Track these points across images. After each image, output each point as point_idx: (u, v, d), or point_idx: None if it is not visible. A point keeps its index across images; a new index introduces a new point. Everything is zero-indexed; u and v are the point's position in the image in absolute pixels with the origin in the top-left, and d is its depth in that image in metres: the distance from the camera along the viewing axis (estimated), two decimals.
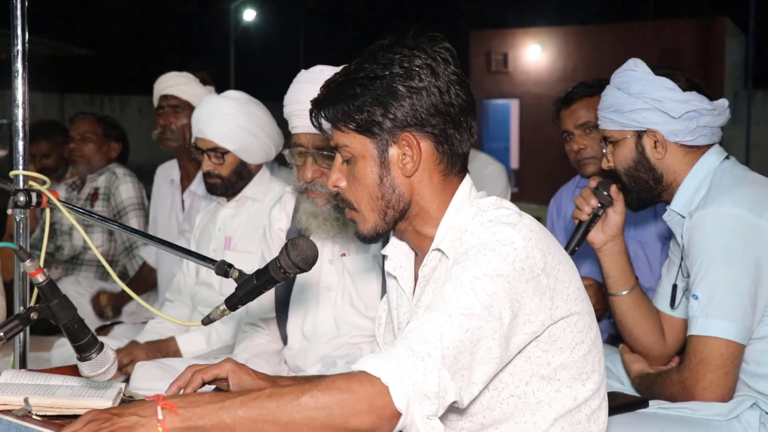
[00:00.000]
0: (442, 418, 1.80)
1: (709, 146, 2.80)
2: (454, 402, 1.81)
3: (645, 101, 2.74)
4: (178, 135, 4.61)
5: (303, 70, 3.00)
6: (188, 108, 4.50)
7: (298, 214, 3.08)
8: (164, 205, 4.93)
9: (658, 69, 2.79)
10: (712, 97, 2.77)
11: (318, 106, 2.10)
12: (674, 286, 2.91)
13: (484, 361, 1.84)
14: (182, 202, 4.76)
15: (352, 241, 3.04)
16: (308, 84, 2.86)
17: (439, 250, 2.04)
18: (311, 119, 2.13)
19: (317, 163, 2.92)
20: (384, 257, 2.27)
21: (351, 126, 2.04)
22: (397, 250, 2.22)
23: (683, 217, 2.76)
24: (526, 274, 1.89)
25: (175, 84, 4.52)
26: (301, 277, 2.93)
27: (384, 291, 2.41)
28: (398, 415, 1.75)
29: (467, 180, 2.11)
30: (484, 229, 1.94)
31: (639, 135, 2.79)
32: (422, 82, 2.00)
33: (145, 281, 5.01)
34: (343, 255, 3.11)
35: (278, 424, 1.75)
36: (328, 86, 2.08)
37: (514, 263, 1.88)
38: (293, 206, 3.26)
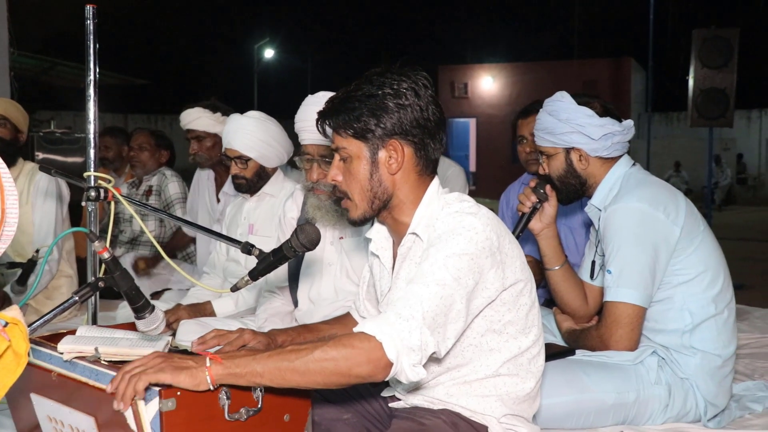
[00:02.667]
0: (423, 367, 1.81)
1: (620, 156, 2.80)
2: (434, 353, 1.82)
3: (571, 126, 2.74)
4: (206, 157, 4.67)
5: (309, 95, 3.01)
6: (207, 135, 4.58)
7: (306, 206, 3.08)
8: (202, 195, 4.95)
9: (579, 97, 2.78)
10: (621, 118, 2.77)
11: (324, 116, 2.08)
12: (593, 263, 2.91)
13: (454, 320, 1.85)
14: (218, 198, 4.76)
15: (348, 227, 3.05)
16: (313, 106, 2.87)
17: (414, 234, 2.04)
18: (317, 126, 2.11)
19: (321, 167, 2.94)
20: (368, 240, 2.27)
21: (349, 132, 2.03)
22: (379, 235, 2.21)
23: (600, 210, 2.77)
24: (486, 252, 1.89)
25: (194, 119, 4.54)
26: (308, 255, 2.93)
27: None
28: (390, 364, 1.75)
29: (436, 180, 2.10)
30: (452, 218, 1.94)
31: (567, 151, 2.79)
32: (408, 100, 1.99)
33: (179, 242, 5.13)
34: (341, 238, 3.11)
35: (297, 372, 1.76)
36: (333, 101, 2.07)
37: (476, 244, 1.88)
38: (302, 200, 3.27)
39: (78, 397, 1.92)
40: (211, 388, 1.78)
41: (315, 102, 2.90)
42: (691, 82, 8.53)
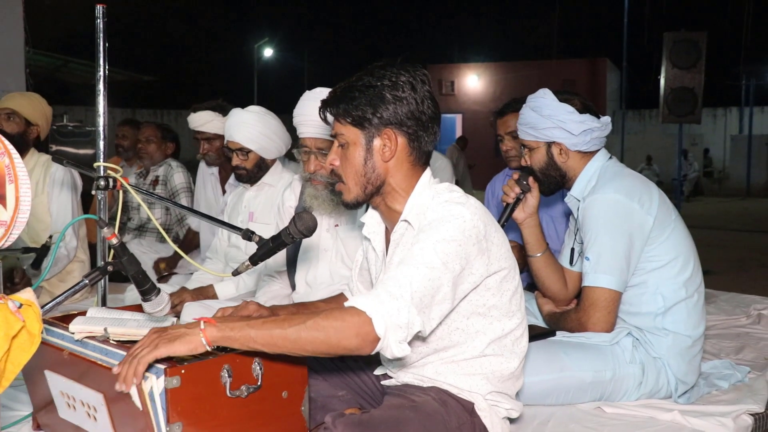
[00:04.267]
0: (409, 345, 1.79)
1: (598, 150, 2.79)
2: (419, 331, 1.80)
3: (553, 122, 2.72)
4: (215, 156, 4.61)
5: (307, 91, 2.98)
6: (217, 136, 4.52)
7: (303, 196, 3.06)
8: (206, 187, 4.91)
9: (560, 94, 2.76)
10: (599, 115, 2.76)
11: (326, 104, 2.06)
12: (572, 250, 2.90)
13: (440, 302, 1.83)
14: (223, 190, 4.73)
15: (343, 215, 3.04)
16: (311, 101, 2.85)
17: (406, 221, 2.02)
18: (320, 114, 2.09)
19: (318, 159, 2.92)
20: (362, 224, 2.25)
21: (348, 120, 2.01)
22: (372, 220, 2.19)
23: (579, 200, 2.76)
24: (473, 239, 1.88)
25: (204, 122, 4.47)
26: (305, 241, 2.92)
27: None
28: (378, 339, 1.74)
29: (428, 171, 2.09)
30: (442, 207, 1.92)
31: (549, 145, 2.77)
32: (404, 93, 1.98)
33: (191, 242, 5.01)
34: (336, 225, 3.10)
35: (288, 339, 1.74)
36: (335, 90, 2.05)
37: (464, 231, 1.87)
38: (300, 190, 3.25)
39: (88, 374, 1.91)
40: (208, 348, 1.76)
41: (312, 97, 2.89)
42: (662, 82, 8.56)
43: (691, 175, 21.46)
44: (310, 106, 2.83)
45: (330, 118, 2.07)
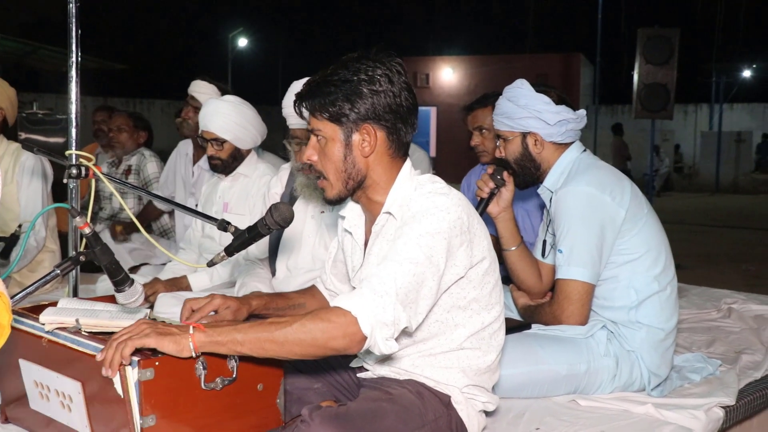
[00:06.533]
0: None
1: (572, 143, 2.79)
2: (406, 328, 1.80)
3: (529, 112, 2.72)
4: (193, 127, 4.53)
5: (294, 82, 2.95)
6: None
7: (294, 184, 3.07)
8: (179, 168, 4.87)
9: (537, 86, 2.77)
10: (575, 108, 2.77)
11: (301, 98, 2.02)
12: (544, 242, 2.91)
13: (426, 296, 1.83)
14: (192, 172, 4.70)
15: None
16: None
17: (388, 213, 2.01)
18: (294, 108, 2.06)
19: None
20: (342, 217, 2.24)
21: (325, 115, 1.98)
22: (353, 213, 2.17)
23: (552, 192, 2.76)
24: (456, 231, 1.87)
25: (202, 92, 4.41)
26: (290, 228, 2.94)
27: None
28: (365, 338, 1.73)
29: (408, 162, 2.07)
30: (425, 198, 1.91)
31: (524, 135, 2.77)
32: (381, 87, 1.95)
33: (150, 214, 5.07)
34: (322, 212, 3.11)
35: (276, 342, 1.73)
36: (310, 84, 2.01)
37: (448, 223, 1.86)
38: (287, 178, 3.28)
39: (66, 362, 1.89)
40: (194, 354, 1.75)
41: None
42: (635, 77, 8.62)
43: (662, 171, 21.65)
44: None
45: (306, 112, 2.05)
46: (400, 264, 1.79)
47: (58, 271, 1.98)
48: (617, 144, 15.08)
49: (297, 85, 2.89)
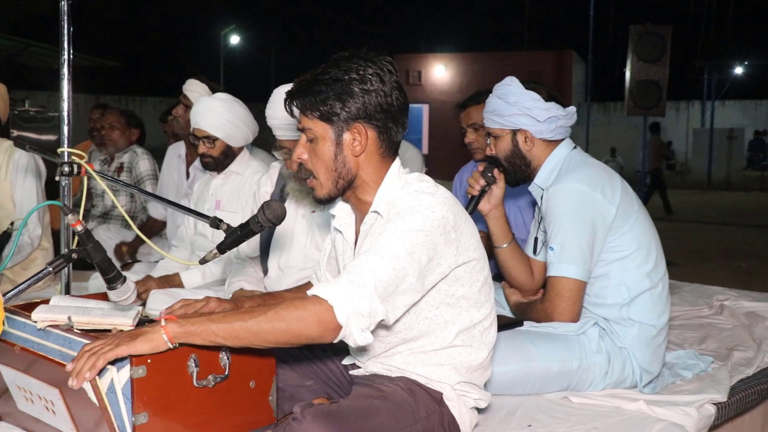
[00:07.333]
0: (377, 335, 1.79)
1: (563, 140, 2.80)
2: (382, 320, 1.79)
3: (519, 109, 2.72)
4: (183, 125, 4.52)
5: (276, 89, 2.93)
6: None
7: (286, 188, 3.06)
8: (171, 173, 4.86)
9: (527, 83, 2.76)
10: (564, 105, 2.77)
11: (291, 96, 2.02)
12: (536, 239, 2.91)
13: (405, 291, 1.82)
14: (187, 173, 4.69)
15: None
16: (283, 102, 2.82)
17: (376, 212, 2.00)
18: (285, 106, 2.05)
19: None
20: (332, 216, 2.23)
21: (315, 114, 1.97)
22: (343, 212, 2.17)
23: (542, 189, 2.77)
24: (441, 230, 1.87)
25: (195, 92, 4.40)
26: (281, 226, 2.93)
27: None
28: (339, 327, 1.73)
29: (397, 161, 2.07)
30: (411, 197, 1.91)
31: (514, 132, 2.77)
32: (372, 86, 1.94)
33: (151, 229, 4.99)
34: (313, 212, 3.10)
35: (250, 331, 1.73)
36: (301, 82, 2.00)
37: (432, 222, 1.85)
38: (276, 176, 3.27)
39: (43, 369, 1.88)
40: (170, 346, 1.75)
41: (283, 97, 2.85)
42: (627, 75, 8.65)
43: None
44: (282, 108, 2.80)
45: (296, 111, 2.04)
46: (381, 257, 1.79)
47: (51, 269, 1.98)
48: (656, 143, 15.19)
49: (280, 93, 2.87)
